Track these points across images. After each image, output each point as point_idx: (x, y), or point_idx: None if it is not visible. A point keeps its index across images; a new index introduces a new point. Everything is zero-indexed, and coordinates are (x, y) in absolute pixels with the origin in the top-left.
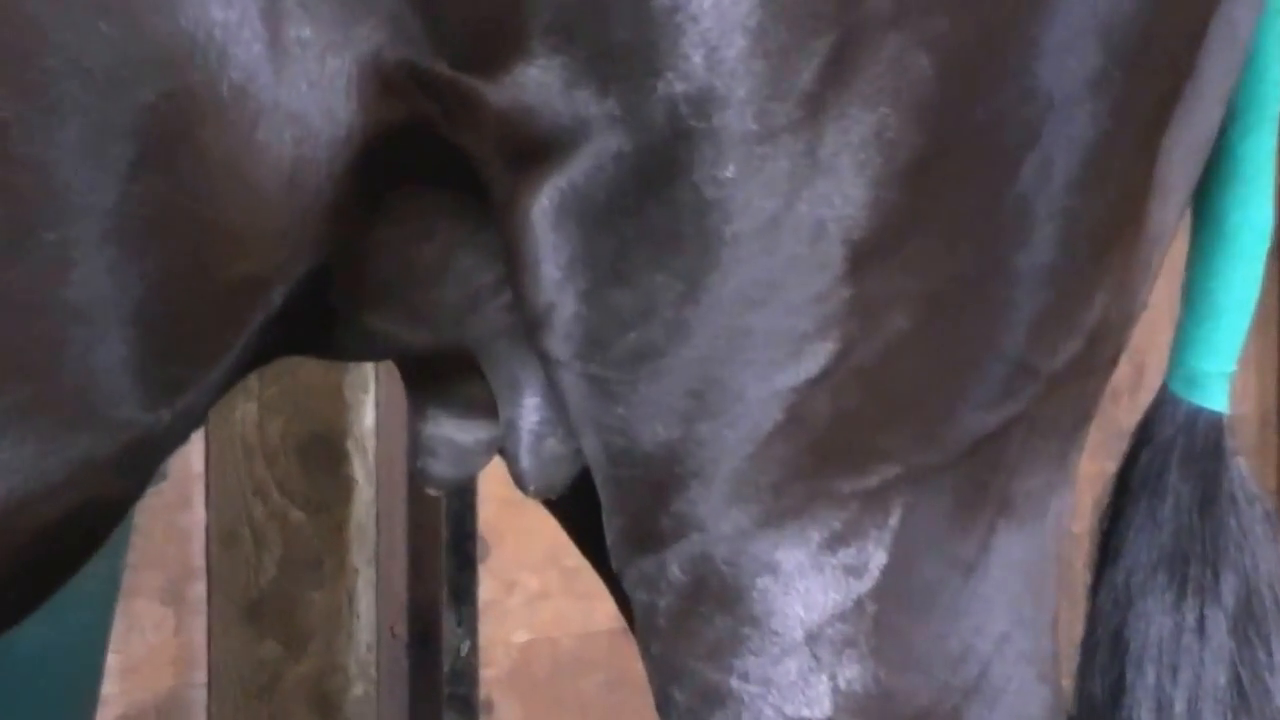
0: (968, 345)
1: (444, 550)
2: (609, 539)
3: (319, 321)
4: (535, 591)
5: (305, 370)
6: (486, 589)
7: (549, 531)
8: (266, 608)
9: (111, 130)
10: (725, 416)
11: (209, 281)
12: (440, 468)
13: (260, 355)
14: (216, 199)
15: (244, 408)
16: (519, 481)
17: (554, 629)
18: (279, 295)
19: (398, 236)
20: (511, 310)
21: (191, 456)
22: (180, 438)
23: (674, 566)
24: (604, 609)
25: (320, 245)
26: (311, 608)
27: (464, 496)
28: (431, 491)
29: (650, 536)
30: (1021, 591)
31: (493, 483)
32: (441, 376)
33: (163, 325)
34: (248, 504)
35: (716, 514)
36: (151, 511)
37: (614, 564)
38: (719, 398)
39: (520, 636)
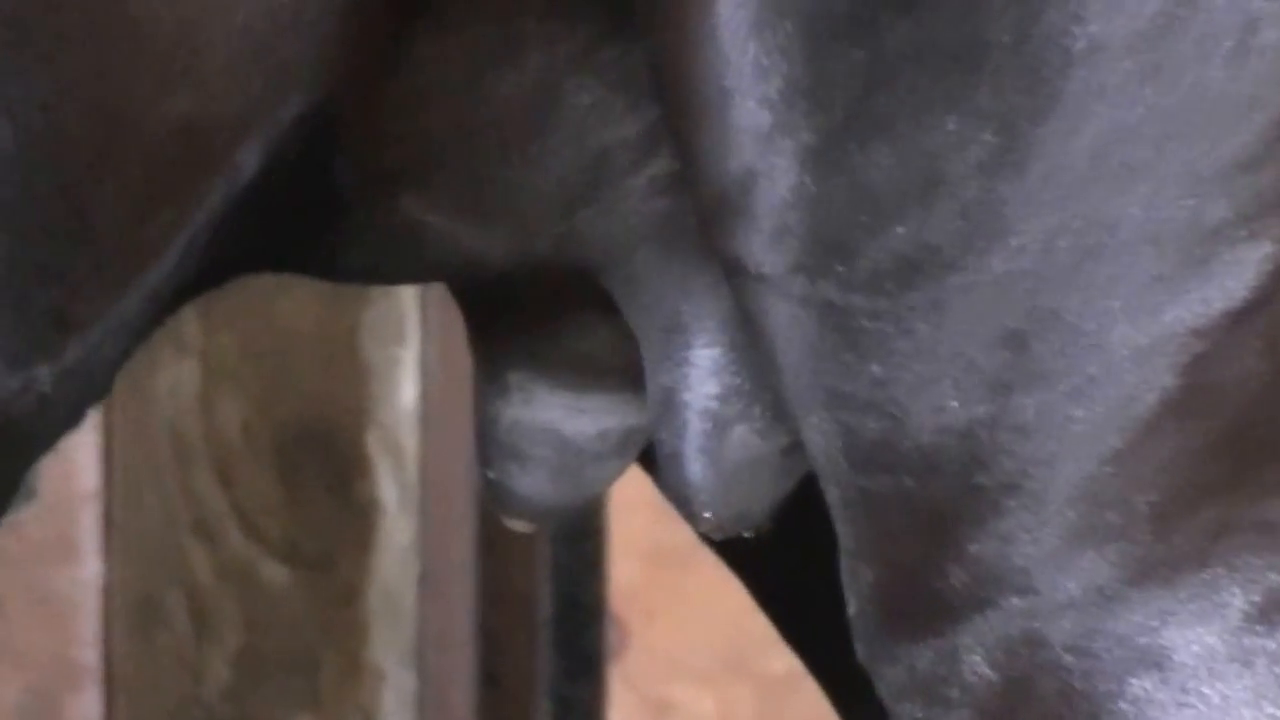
0: None
1: (544, 639)
2: (851, 609)
3: (317, 213)
4: (708, 716)
5: (288, 304)
6: (622, 709)
7: (733, 606)
8: None
9: None
10: (1070, 381)
11: (124, 130)
12: (534, 484)
13: (212, 270)
14: None
15: (176, 372)
16: (683, 505)
17: None
18: (247, 160)
19: (458, 57)
20: (670, 188)
21: (79, 461)
22: (67, 418)
23: (974, 657)
24: None
25: (320, 73)
26: None
27: (580, 540)
28: (519, 527)
29: (929, 604)
30: None
31: (632, 515)
32: (537, 316)
33: (42, 208)
34: (182, 550)
35: (1054, 561)
36: (7, 562)
37: (861, 653)
38: (1058, 346)
39: None
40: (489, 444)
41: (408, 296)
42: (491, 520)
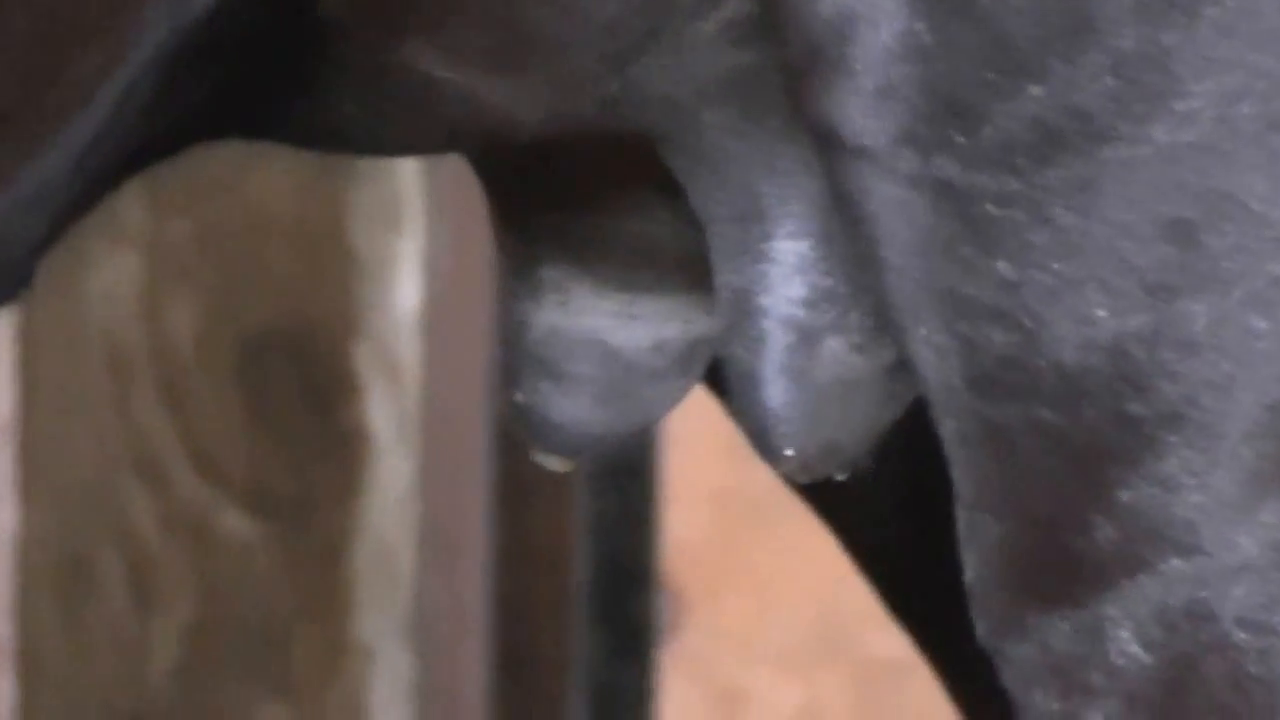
0: None
1: (580, 611)
2: (969, 572)
3: (295, 62)
4: (790, 711)
5: (256, 181)
6: (680, 702)
7: (822, 571)
8: None
9: None
10: (1250, 283)
11: None
12: (574, 408)
13: (161, 135)
14: None
15: (114, 268)
16: (760, 438)
17: None
18: None
19: None
20: (748, 37)
21: None
22: None
23: (1123, 633)
24: None
25: None
26: None
27: (627, 484)
28: (552, 466)
29: (1068, 567)
30: None
31: (694, 452)
32: (578, 196)
33: None
34: (119, 496)
35: (1226, 513)
36: None
37: (981, 627)
38: (1236, 240)
39: None
40: (515, 358)
41: (409, 171)
42: (514, 457)
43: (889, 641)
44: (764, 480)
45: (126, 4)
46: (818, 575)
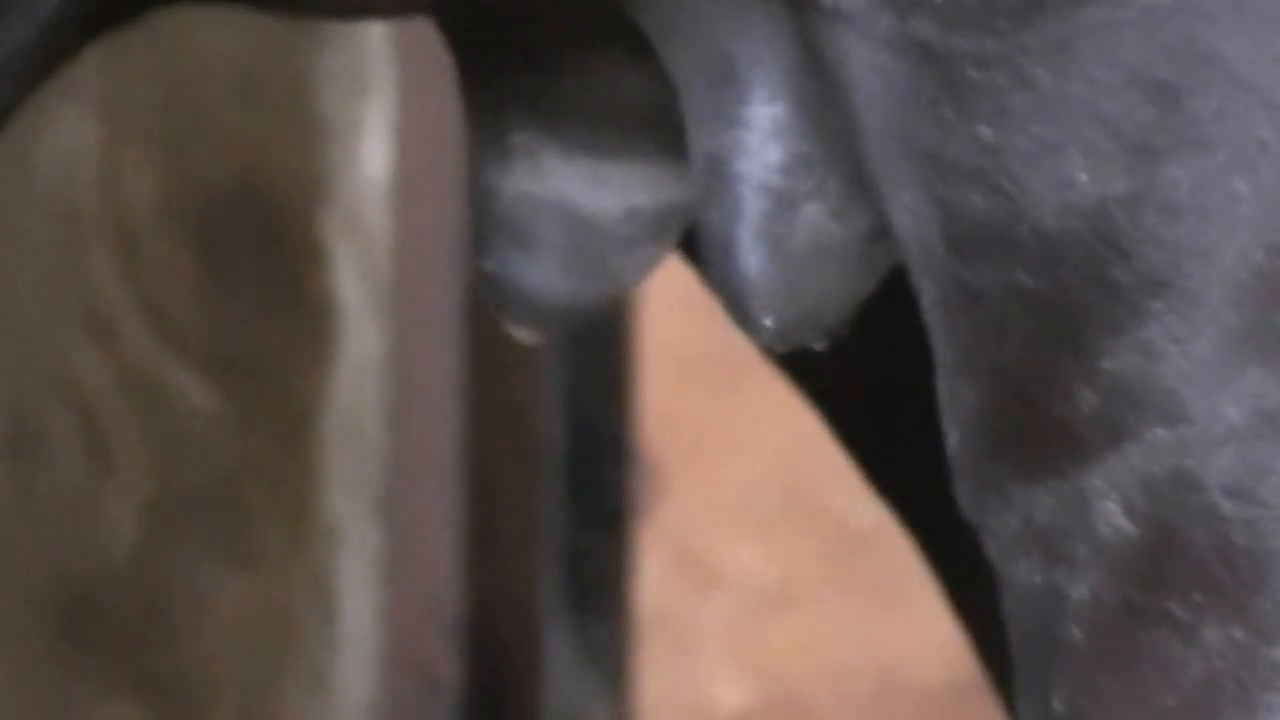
0: None
1: (552, 481)
2: (951, 441)
3: None
4: (762, 577)
5: (217, 40)
6: (653, 569)
7: (799, 439)
8: (113, 617)
9: None
10: (1233, 146)
11: None
12: (544, 276)
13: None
14: None
15: (68, 127)
16: (736, 306)
17: (816, 681)
18: None
19: None
20: None
21: None
22: None
23: (1108, 504)
24: (937, 633)
25: None
26: (231, 620)
27: (600, 351)
28: (522, 336)
29: (1051, 435)
30: None
31: (668, 319)
32: (548, 59)
33: None
34: (71, 357)
35: (1210, 380)
36: None
37: (962, 498)
38: (1218, 102)
39: (733, 692)
40: (485, 225)
41: (377, 34)
42: (484, 326)
43: (863, 510)
44: (737, 346)
45: None
46: (791, 442)
